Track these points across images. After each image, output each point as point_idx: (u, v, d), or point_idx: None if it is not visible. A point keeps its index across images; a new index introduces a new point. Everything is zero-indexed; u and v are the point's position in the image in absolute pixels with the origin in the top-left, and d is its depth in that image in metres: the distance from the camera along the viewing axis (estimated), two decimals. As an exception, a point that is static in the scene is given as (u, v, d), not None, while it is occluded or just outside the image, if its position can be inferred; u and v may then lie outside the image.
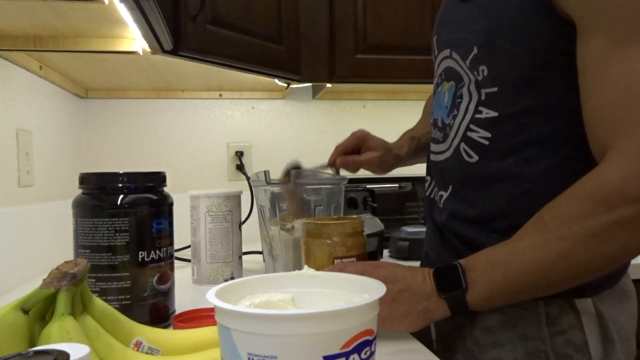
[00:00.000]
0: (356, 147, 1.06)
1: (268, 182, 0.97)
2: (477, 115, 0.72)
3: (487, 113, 0.71)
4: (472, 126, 0.73)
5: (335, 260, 0.74)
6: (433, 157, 0.83)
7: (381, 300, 0.42)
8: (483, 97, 0.72)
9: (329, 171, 1.06)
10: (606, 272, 0.62)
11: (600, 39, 0.58)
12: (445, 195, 0.78)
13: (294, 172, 0.96)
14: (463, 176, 0.75)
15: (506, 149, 0.70)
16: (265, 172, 0.97)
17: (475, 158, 0.73)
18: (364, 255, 0.77)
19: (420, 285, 0.65)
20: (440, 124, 0.80)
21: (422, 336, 0.84)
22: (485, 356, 0.72)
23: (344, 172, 1.07)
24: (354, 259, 0.75)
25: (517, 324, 0.70)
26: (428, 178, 0.86)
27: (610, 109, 0.57)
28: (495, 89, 0.70)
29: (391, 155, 1.05)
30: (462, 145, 0.74)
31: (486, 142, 0.71)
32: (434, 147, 0.83)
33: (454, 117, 0.76)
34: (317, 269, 0.73)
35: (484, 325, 0.73)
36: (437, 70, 0.83)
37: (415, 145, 1.07)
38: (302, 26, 1.41)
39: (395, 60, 1.44)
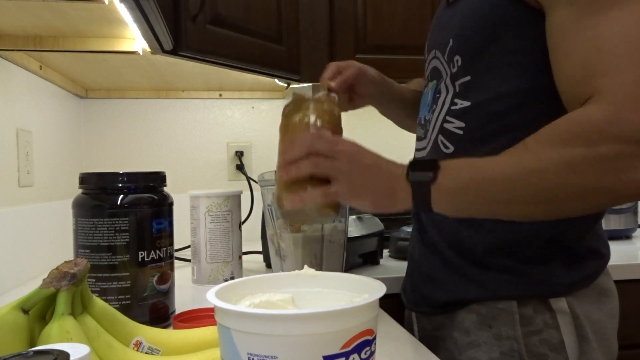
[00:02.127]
0: (337, 72, 0.93)
1: (263, 184, 0.97)
2: (452, 107, 0.74)
3: (461, 103, 0.73)
4: (448, 117, 0.74)
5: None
6: (416, 154, 0.85)
7: (349, 171, 0.40)
8: (457, 89, 0.74)
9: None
10: (569, 209, 0.60)
11: (564, 11, 0.60)
12: None
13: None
14: None
15: (480, 137, 0.71)
16: (275, 172, 0.96)
17: (451, 149, 0.74)
18: (339, 135, 0.73)
19: (392, 166, 0.63)
20: (422, 122, 0.82)
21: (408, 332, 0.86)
22: (464, 356, 0.73)
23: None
24: (329, 132, 0.70)
25: (492, 324, 0.71)
26: None
27: (584, 67, 0.59)
28: (468, 78, 0.72)
29: (370, 67, 0.95)
30: (440, 137, 0.76)
31: (460, 132, 0.73)
32: (417, 144, 0.85)
33: (433, 111, 0.78)
34: (291, 139, 0.69)
35: (462, 326, 0.73)
36: (426, 74, 0.85)
37: (390, 83, 1.00)
38: (302, 26, 1.41)
39: (395, 60, 1.44)
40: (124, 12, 0.83)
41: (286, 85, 1.58)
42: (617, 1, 0.58)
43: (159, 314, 0.76)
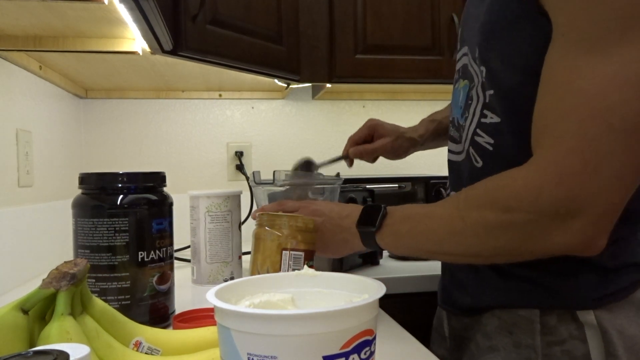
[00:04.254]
0: (368, 137, 1.05)
1: (256, 182, 0.97)
2: (482, 120, 0.70)
3: (491, 118, 0.69)
4: (478, 130, 0.71)
5: (284, 252, 0.75)
6: (450, 157, 0.81)
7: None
8: (487, 100, 0.69)
9: (343, 163, 1.07)
10: (499, 262, 0.67)
11: (557, 44, 0.57)
12: None
13: (280, 172, 0.96)
14: (473, 181, 0.71)
15: (510, 157, 0.66)
16: (253, 172, 0.98)
17: (481, 163, 0.71)
18: (312, 253, 0.77)
19: (343, 217, 0.75)
20: (456, 124, 0.79)
21: (439, 328, 0.86)
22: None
23: (360, 164, 1.08)
24: (302, 254, 0.75)
25: (512, 330, 0.69)
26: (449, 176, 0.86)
27: (541, 116, 0.58)
28: (492, 92, 0.67)
29: (404, 140, 1.04)
30: (471, 149, 0.73)
31: (490, 148, 0.70)
32: (451, 145, 0.81)
33: (466, 119, 0.75)
34: (265, 259, 0.74)
35: (484, 330, 0.73)
36: (457, 66, 0.80)
37: (434, 128, 1.06)
38: (302, 26, 1.41)
39: (395, 60, 1.44)
40: (124, 12, 0.83)
41: (286, 85, 1.58)
42: (608, 45, 0.53)
43: (159, 314, 0.76)
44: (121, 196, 0.73)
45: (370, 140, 1.06)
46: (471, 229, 0.60)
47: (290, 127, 1.80)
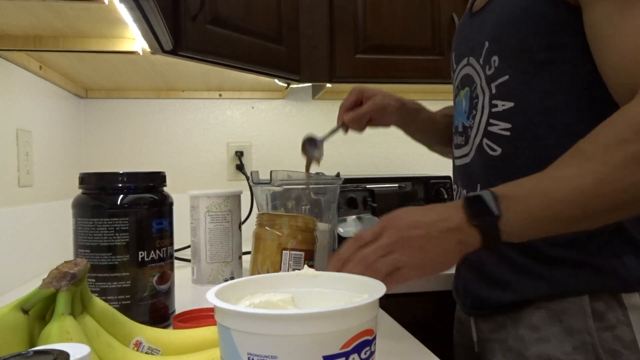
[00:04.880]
0: (358, 101, 1.03)
1: (255, 182, 0.97)
2: (494, 110, 0.74)
3: (503, 105, 0.73)
4: (491, 120, 0.74)
5: (284, 251, 0.74)
6: (457, 162, 0.84)
7: (410, 246, 0.44)
8: (494, 91, 0.73)
9: (341, 133, 1.05)
10: None
11: (606, 4, 0.61)
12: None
13: (278, 172, 0.96)
14: (490, 172, 0.75)
15: (529, 137, 0.70)
16: (252, 172, 0.99)
17: (499, 151, 0.73)
18: (312, 252, 0.77)
19: (447, 221, 0.60)
20: (460, 129, 0.82)
21: (464, 337, 0.83)
22: (531, 352, 0.69)
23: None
24: (302, 253, 0.75)
25: (562, 318, 0.68)
26: (455, 186, 0.87)
27: (632, 57, 0.58)
28: (506, 78, 0.72)
29: (392, 99, 1.01)
30: (485, 141, 0.75)
31: (507, 133, 0.72)
32: (456, 152, 0.84)
33: (474, 116, 0.78)
34: (265, 259, 0.74)
35: (529, 322, 0.71)
36: (455, 83, 0.86)
37: (415, 108, 1.04)
38: (302, 26, 1.41)
39: (395, 60, 1.44)
40: (124, 12, 0.83)
41: (286, 85, 1.58)
42: None
43: (159, 314, 0.76)
44: (121, 196, 0.73)
45: (361, 105, 1.03)
46: (622, 169, 0.54)
47: (290, 127, 1.80)
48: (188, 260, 1.21)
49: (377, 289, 0.42)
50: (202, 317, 0.76)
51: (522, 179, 0.60)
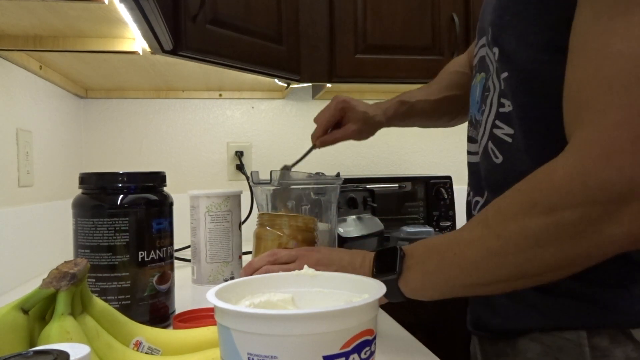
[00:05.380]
0: (338, 120, 0.99)
1: (254, 182, 0.97)
2: (501, 109, 0.64)
3: (508, 105, 0.62)
4: (497, 122, 0.65)
5: None
6: (469, 158, 0.76)
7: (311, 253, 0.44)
8: (502, 86, 0.63)
9: (314, 151, 1.05)
10: (550, 280, 0.53)
11: (586, 8, 0.51)
12: (480, 202, 0.71)
13: (277, 172, 0.95)
14: (493, 180, 0.67)
15: (529, 147, 0.60)
16: (251, 172, 0.98)
17: (501, 158, 0.64)
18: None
19: (357, 268, 0.63)
20: (473, 121, 0.73)
21: (469, 357, 0.79)
22: None
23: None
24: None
25: (559, 356, 0.61)
26: (467, 188, 0.79)
27: (576, 91, 0.50)
28: (506, 74, 0.61)
29: (370, 125, 0.98)
30: (490, 144, 0.66)
31: (509, 140, 0.63)
32: (469, 146, 0.76)
33: (482, 112, 0.69)
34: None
35: (525, 356, 0.64)
36: (474, 61, 0.74)
37: (405, 111, 0.99)
38: (302, 26, 1.41)
39: (395, 60, 1.44)
40: (124, 12, 0.83)
41: (286, 85, 1.58)
42: None
43: (159, 314, 0.76)
44: (121, 196, 0.73)
45: (339, 122, 1.00)
46: (511, 244, 0.51)
47: (290, 127, 1.80)
48: (188, 260, 1.21)
49: (377, 288, 0.42)
50: (202, 317, 0.76)
51: (428, 238, 0.61)
